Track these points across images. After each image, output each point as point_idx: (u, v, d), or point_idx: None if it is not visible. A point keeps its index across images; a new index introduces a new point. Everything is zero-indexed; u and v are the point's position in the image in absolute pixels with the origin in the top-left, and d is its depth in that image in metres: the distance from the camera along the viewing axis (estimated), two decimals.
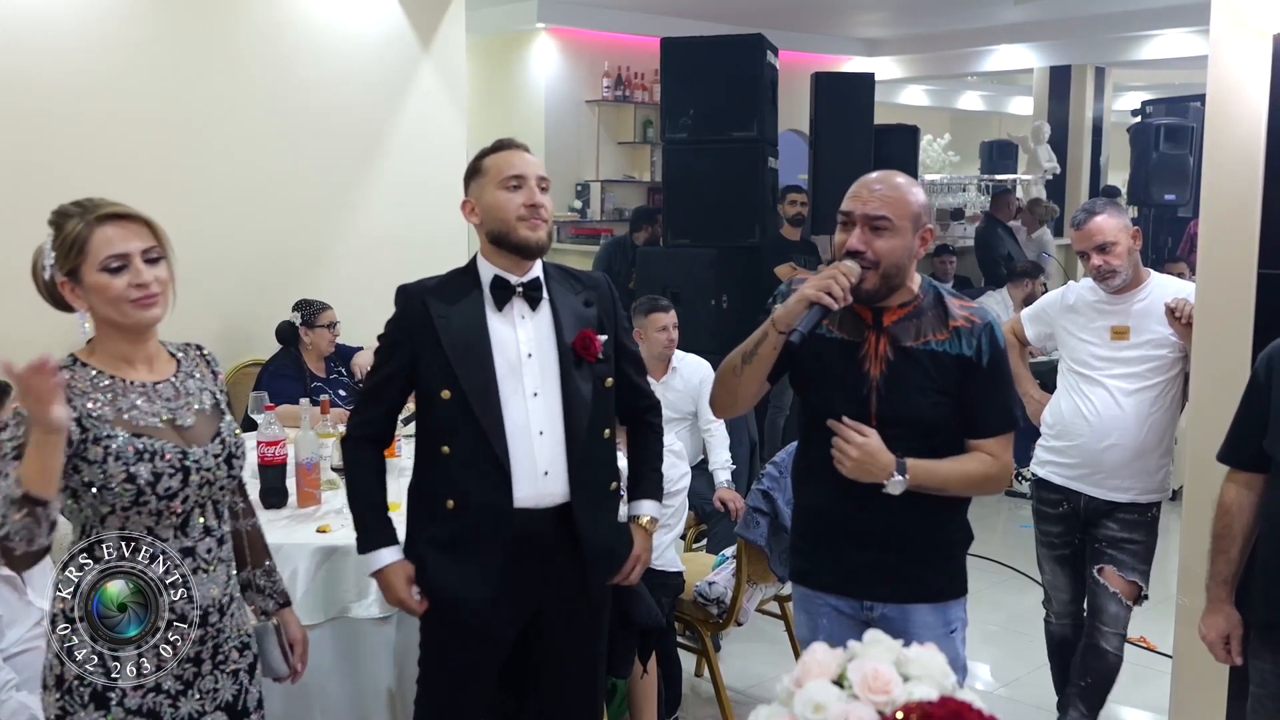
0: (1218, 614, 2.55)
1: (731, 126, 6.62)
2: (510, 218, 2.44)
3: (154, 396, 2.07)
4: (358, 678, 3.02)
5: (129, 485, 1.97)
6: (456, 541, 2.47)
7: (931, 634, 2.37)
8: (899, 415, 2.32)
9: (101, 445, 1.96)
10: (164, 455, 2.01)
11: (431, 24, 5.67)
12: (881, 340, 2.35)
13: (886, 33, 11.36)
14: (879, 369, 2.33)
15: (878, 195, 2.31)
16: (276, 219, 5.09)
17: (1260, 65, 2.90)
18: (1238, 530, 2.51)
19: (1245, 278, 2.99)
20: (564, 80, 9.33)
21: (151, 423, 2.04)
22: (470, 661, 2.56)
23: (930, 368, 2.32)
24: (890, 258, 2.29)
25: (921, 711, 1.41)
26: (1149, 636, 4.16)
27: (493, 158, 2.51)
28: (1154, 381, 3.28)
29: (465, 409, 2.42)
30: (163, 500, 2.01)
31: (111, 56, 4.60)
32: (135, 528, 2.02)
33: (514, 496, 2.44)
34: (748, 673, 4.15)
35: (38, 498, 1.84)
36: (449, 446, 2.45)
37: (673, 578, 3.57)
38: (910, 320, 2.35)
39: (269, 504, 3.27)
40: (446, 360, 2.42)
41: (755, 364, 2.36)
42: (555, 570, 2.52)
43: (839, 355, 2.36)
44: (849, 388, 2.34)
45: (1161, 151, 10.17)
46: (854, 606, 2.44)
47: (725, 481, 4.41)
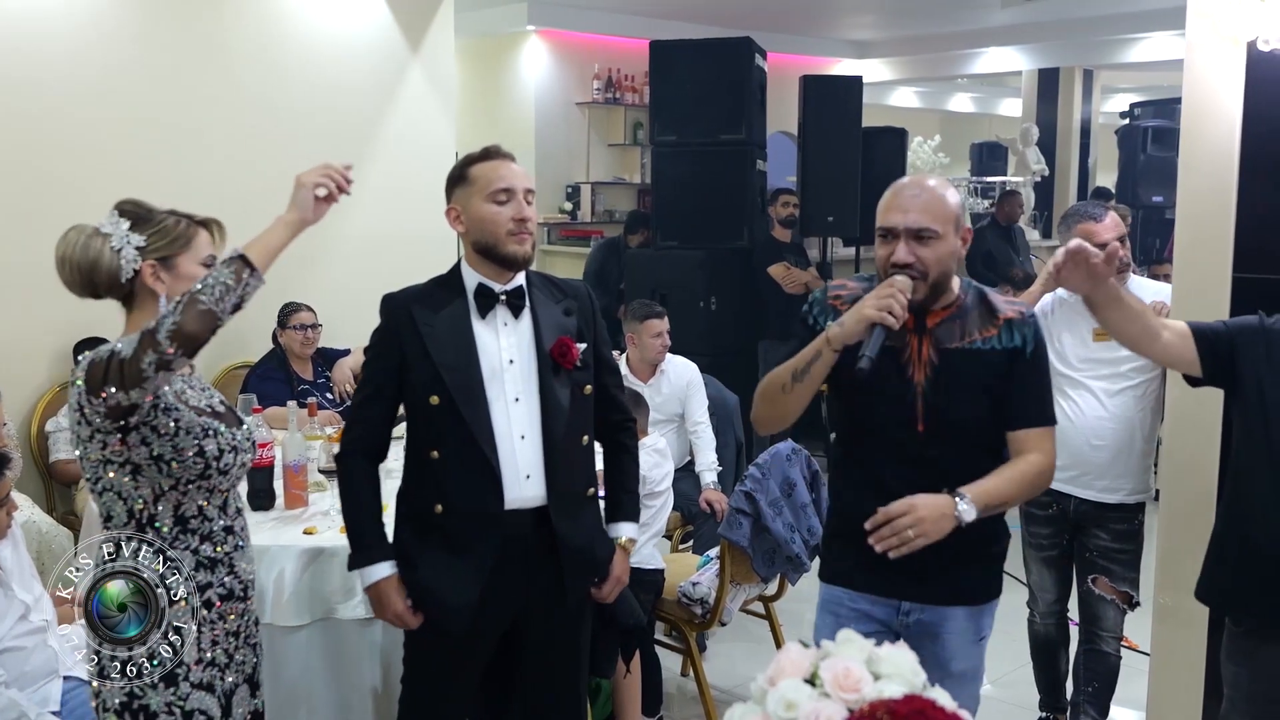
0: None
1: (720, 129, 6.66)
2: (500, 232, 2.46)
3: (193, 385, 2.21)
4: (343, 678, 3.05)
5: (199, 459, 2.08)
6: (445, 545, 2.50)
7: (963, 640, 2.39)
8: (946, 419, 2.28)
9: (172, 418, 2.06)
10: (221, 434, 2.13)
11: (420, 26, 5.69)
12: (925, 344, 2.31)
13: (875, 35, 11.39)
14: (923, 374, 2.29)
15: (918, 204, 2.26)
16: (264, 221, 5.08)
17: (1234, 72, 2.93)
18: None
19: (1220, 281, 3.02)
20: (554, 82, 9.34)
21: (203, 405, 2.17)
22: (454, 662, 2.59)
23: (976, 368, 2.29)
24: (938, 266, 2.26)
25: (886, 708, 1.44)
26: (1131, 635, 4.19)
27: (480, 167, 2.51)
28: (1137, 381, 3.32)
29: (454, 414, 2.44)
30: (221, 475, 2.13)
31: (99, 58, 4.62)
32: (189, 507, 2.12)
33: (505, 499, 2.47)
34: (732, 672, 4.19)
35: (251, 262, 2.03)
36: (438, 451, 2.48)
37: (653, 575, 3.61)
38: (954, 321, 2.32)
39: (257, 506, 3.29)
40: (434, 367, 2.45)
41: (807, 382, 2.30)
42: (536, 572, 2.55)
43: (882, 362, 2.25)
44: (893, 395, 2.30)
45: (1149, 153, 10.23)
46: (888, 611, 2.41)
47: (711, 483, 4.44)
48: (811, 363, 2.29)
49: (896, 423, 2.31)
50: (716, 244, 6.70)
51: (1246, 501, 2.47)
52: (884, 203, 2.32)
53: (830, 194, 7.12)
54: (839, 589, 2.47)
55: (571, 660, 2.69)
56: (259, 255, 2.05)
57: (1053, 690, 3.71)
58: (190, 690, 2.12)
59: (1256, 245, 2.96)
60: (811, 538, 3.73)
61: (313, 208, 2.18)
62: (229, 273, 1.99)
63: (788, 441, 3.87)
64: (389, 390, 2.54)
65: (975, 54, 11.60)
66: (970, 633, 2.40)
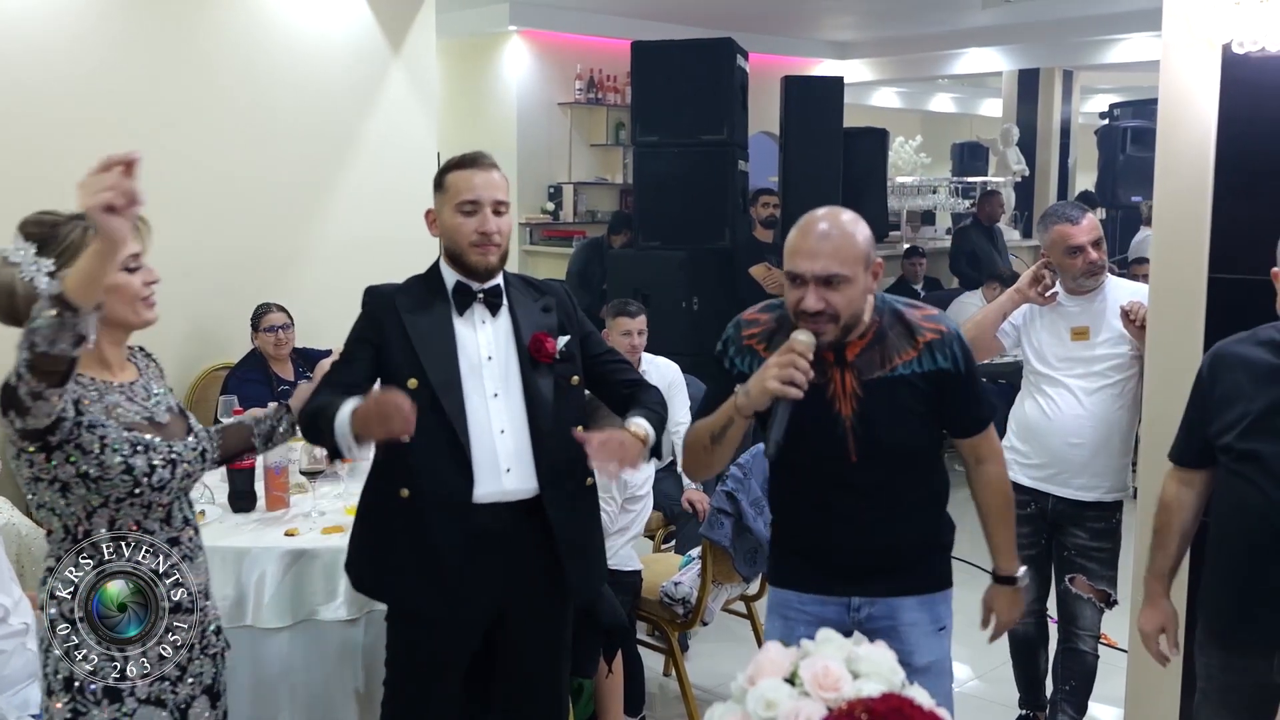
0: (1153, 607, 2.62)
1: (702, 129, 6.66)
2: (463, 243, 2.52)
3: (132, 397, 2.14)
4: (326, 680, 3.05)
5: (126, 476, 2.03)
6: (410, 531, 2.51)
7: (920, 632, 2.41)
8: (878, 450, 2.31)
9: (97, 435, 2.01)
10: (155, 449, 2.07)
11: (401, 27, 5.68)
12: (847, 376, 2.31)
13: (857, 36, 11.42)
14: (850, 407, 2.30)
15: (826, 250, 2.22)
16: (246, 222, 5.09)
17: (1210, 74, 2.96)
18: (1176, 526, 2.57)
19: (1196, 281, 3.05)
20: (536, 83, 9.34)
21: (136, 419, 2.10)
22: (434, 659, 2.61)
23: (901, 394, 2.31)
24: (849, 308, 2.24)
25: (864, 707, 1.45)
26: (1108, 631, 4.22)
27: (455, 176, 2.54)
28: (1114, 380, 3.35)
29: (431, 399, 2.47)
30: (155, 492, 2.07)
31: (79, 60, 4.59)
32: (124, 521, 2.07)
33: (475, 491, 2.49)
34: (714, 672, 4.19)
35: (70, 302, 1.78)
36: (409, 436, 2.47)
37: (630, 576, 3.61)
38: (873, 349, 2.32)
39: (238, 508, 3.30)
40: (414, 352, 2.50)
41: (726, 444, 2.33)
42: (520, 566, 2.58)
43: (807, 401, 2.23)
44: (822, 430, 2.31)
45: (1128, 154, 10.29)
46: (839, 609, 2.42)
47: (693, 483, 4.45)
48: (726, 428, 2.31)
49: (828, 456, 2.34)
50: (698, 244, 6.71)
51: None
52: (791, 244, 2.28)
53: (812, 194, 7.10)
54: (788, 591, 2.49)
55: (553, 656, 2.71)
56: (77, 289, 1.80)
57: (1032, 688, 3.73)
58: (137, 706, 2.07)
59: (1232, 246, 2.99)
60: None
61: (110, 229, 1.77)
62: (49, 316, 1.78)
63: None
64: (361, 361, 2.55)
65: (956, 55, 11.64)
66: (926, 623, 2.42)
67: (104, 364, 2.12)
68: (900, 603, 2.41)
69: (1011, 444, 3.50)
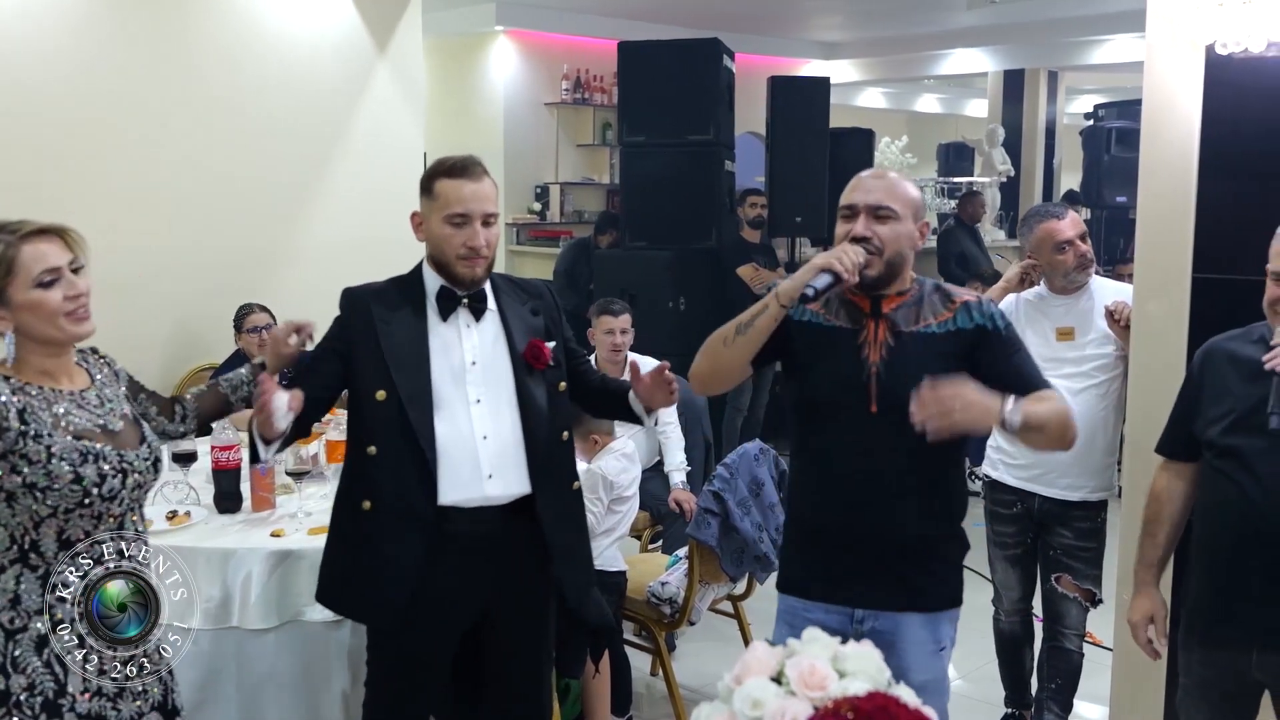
0: (1142, 597, 2.62)
1: (688, 129, 6.67)
2: (450, 255, 2.50)
3: (83, 404, 2.10)
4: (312, 681, 3.04)
5: (75, 486, 1.99)
6: (372, 543, 2.51)
7: (920, 650, 2.37)
8: (900, 400, 2.25)
9: (43, 445, 1.97)
10: (105, 458, 2.04)
11: (388, 26, 5.67)
12: (881, 326, 2.33)
13: (843, 36, 11.44)
14: (878, 355, 2.31)
15: (879, 186, 2.33)
16: (232, 222, 5.08)
17: (1193, 75, 2.98)
18: (1166, 517, 2.59)
19: (1180, 281, 3.06)
20: (523, 82, 9.34)
21: (87, 428, 2.06)
22: (416, 661, 2.60)
23: (932, 350, 2.31)
24: (894, 244, 2.30)
25: (850, 705, 1.46)
26: (1093, 630, 4.24)
27: (445, 184, 2.50)
28: (1100, 380, 3.37)
29: (399, 412, 2.46)
30: (105, 502, 2.04)
31: (66, 60, 4.57)
32: (73, 532, 2.03)
33: (440, 499, 2.48)
34: (701, 671, 4.19)
35: None
36: (375, 447, 2.49)
37: (615, 577, 3.61)
38: (910, 306, 2.34)
39: (223, 508, 3.28)
40: (384, 363, 2.47)
41: (749, 335, 2.30)
42: (503, 568, 2.58)
43: (838, 343, 2.33)
44: (847, 375, 2.32)
45: (1113, 154, 10.31)
46: (842, 619, 2.39)
47: (680, 483, 4.45)
48: (757, 316, 2.30)
49: (849, 403, 2.32)
50: (685, 244, 6.72)
51: None
52: (848, 187, 2.38)
53: (798, 194, 7.15)
54: (793, 598, 2.47)
55: (537, 655, 2.72)
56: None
57: (1018, 687, 3.74)
58: None
59: (1215, 246, 3.00)
60: (779, 537, 3.75)
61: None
62: None
63: (755, 441, 3.89)
64: (323, 375, 2.54)
65: (942, 55, 11.68)
66: (928, 642, 2.38)
67: (46, 374, 2.07)
68: (904, 619, 2.37)
69: (997, 444, 3.51)
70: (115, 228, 4.37)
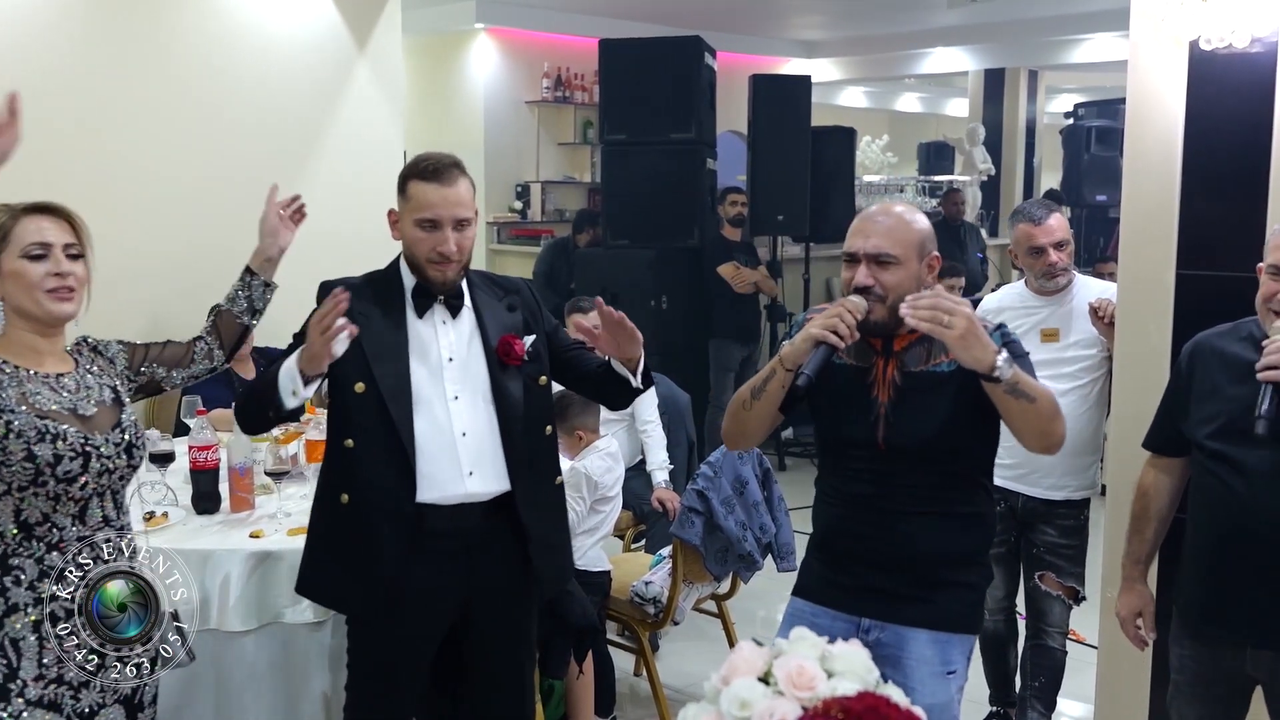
0: (1130, 592, 2.63)
1: (670, 128, 6.66)
2: (420, 258, 2.49)
3: (57, 388, 2.09)
4: (292, 683, 3.01)
5: (28, 464, 1.98)
6: (349, 538, 2.49)
7: (926, 670, 2.33)
8: (907, 442, 2.29)
9: (3, 420, 1.96)
10: (65, 439, 2.02)
11: (367, 24, 5.62)
12: (890, 366, 2.32)
13: (824, 35, 11.45)
14: (887, 395, 2.31)
15: (880, 230, 2.29)
16: (209, 220, 5.02)
17: (1177, 71, 2.97)
18: (1153, 512, 2.59)
19: (1164, 278, 3.06)
20: (503, 81, 9.30)
21: (54, 409, 2.05)
22: (391, 662, 2.58)
23: (940, 389, 2.29)
24: (898, 290, 2.26)
25: (840, 706, 1.44)
26: (1076, 628, 4.24)
27: (419, 187, 2.47)
28: (1084, 381, 3.36)
29: (378, 404, 2.44)
30: (61, 483, 2.02)
31: (41, 58, 4.52)
32: (31, 511, 2.01)
33: (420, 496, 2.46)
34: (685, 672, 4.18)
35: None
36: (353, 440, 2.47)
37: (599, 576, 3.59)
38: (921, 345, 2.31)
39: (201, 509, 3.24)
40: (364, 356, 2.45)
41: (764, 401, 2.33)
42: (484, 566, 2.56)
43: (848, 382, 2.33)
44: (857, 415, 2.33)
45: (1093, 153, 10.35)
46: (848, 627, 2.37)
47: (663, 482, 4.43)
48: (767, 380, 2.33)
49: (858, 442, 2.34)
50: (667, 243, 6.70)
51: None
52: (850, 228, 2.35)
53: (780, 193, 7.14)
54: (803, 602, 2.47)
55: (519, 652, 2.70)
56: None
57: (1002, 685, 3.74)
58: (24, 707, 1.99)
59: (1199, 242, 3.00)
60: (764, 535, 3.73)
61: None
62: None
63: None
64: None
65: (922, 54, 11.71)
66: (935, 663, 2.33)
67: (33, 353, 2.08)
68: (910, 634, 2.33)
69: None
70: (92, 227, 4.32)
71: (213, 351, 2.47)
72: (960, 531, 2.36)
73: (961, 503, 2.37)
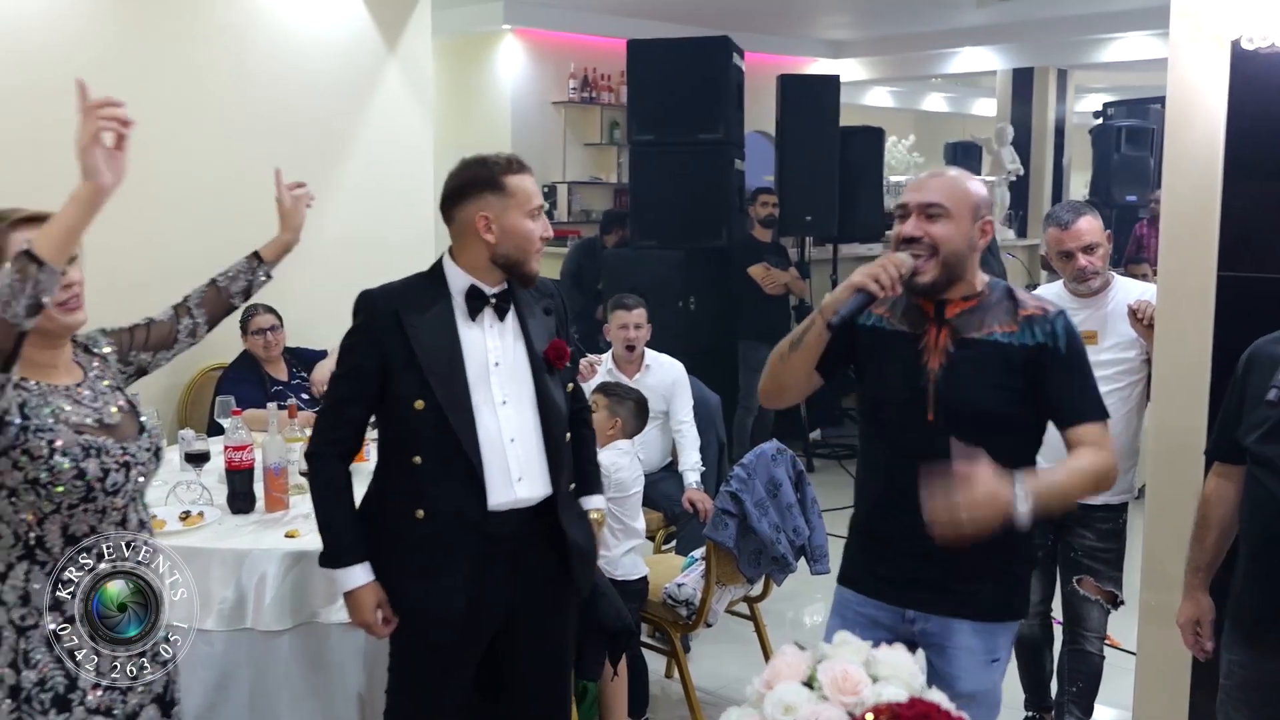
0: (1188, 601, 2.59)
1: (697, 128, 6.65)
2: (531, 249, 2.47)
3: (78, 399, 2.07)
4: (327, 683, 3.01)
5: (79, 482, 1.97)
6: (425, 552, 2.46)
7: (971, 659, 2.32)
8: (958, 409, 2.25)
9: (45, 440, 1.95)
10: (108, 452, 2.02)
11: (397, 25, 5.64)
12: (943, 332, 2.29)
13: (851, 35, 11.41)
14: (938, 361, 2.27)
15: (933, 184, 2.30)
16: (239, 221, 4.99)
17: (1219, 71, 2.94)
18: (1214, 520, 2.54)
19: (1205, 279, 3.02)
20: (530, 81, 9.31)
21: (84, 422, 2.04)
22: (446, 672, 2.56)
23: (995, 360, 2.26)
24: (948, 244, 2.25)
25: (891, 713, 1.43)
26: (1113, 634, 4.20)
27: (518, 179, 2.46)
28: (1123, 384, 3.33)
29: (439, 419, 2.41)
30: (109, 496, 2.02)
31: (70, 59, 4.53)
32: (78, 528, 2.01)
33: (488, 504, 2.45)
34: (717, 674, 4.16)
35: (37, 256, 1.74)
36: (420, 457, 2.43)
37: (637, 584, 3.57)
38: (975, 313, 2.30)
39: (236, 509, 3.25)
40: (420, 371, 2.41)
41: (802, 351, 2.30)
42: (526, 571, 2.55)
43: (898, 348, 2.31)
44: (907, 381, 2.29)
45: (1122, 153, 10.28)
46: (894, 617, 2.36)
47: (695, 483, 4.41)
48: (805, 331, 2.30)
49: (908, 411, 2.30)
50: (694, 244, 6.69)
51: None
52: (906, 187, 2.37)
53: (808, 193, 7.12)
54: (849, 591, 2.46)
55: (558, 657, 2.69)
56: (47, 243, 1.77)
57: (1038, 690, 3.71)
58: (85, 716, 2.01)
59: (1241, 243, 2.97)
60: (797, 538, 3.71)
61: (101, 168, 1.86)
62: (11, 273, 1.74)
63: (773, 441, 3.85)
64: (369, 392, 2.47)
65: (950, 54, 11.65)
66: (980, 652, 2.33)
67: (41, 367, 2.04)
68: (956, 625, 2.32)
69: None
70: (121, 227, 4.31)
71: (197, 328, 2.40)
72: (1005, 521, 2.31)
73: None
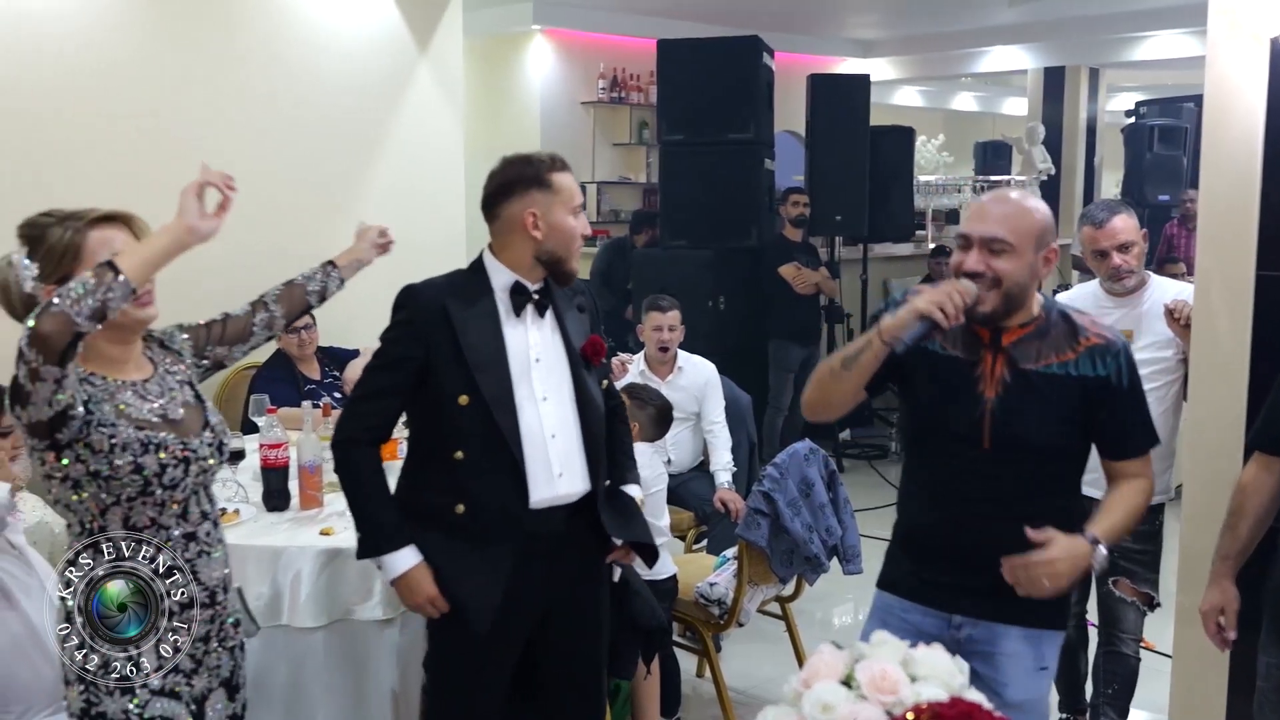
0: (1215, 588, 2.55)
1: (727, 128, 6.65)
2: (575, 246, 2.52)
3: (144, 394, 2.12)
4: (361, 680, 3.03)
5: (136, 476, 2.01)
6: (465, 545, 2.47)
7: (1019, 666, 2.31)
8: (1015, 440, 2.24)
9: (106, 434, 1.99)
10: (167, 447, 2.05)
11: (429, 25, 5.66)
12: (999, 361, 2.27)
13: (881, 34, 11.37)
14: (995, 390, 2.25)
15: (996, 215, 2.24)
16: (272, 220, 5.07)
17: (1257, 68, 2.91)
18: (1249, 508, 2.51)
19: (1244, 279, 3.00)
20: (560, 82, 9.33)
21: (147, 417, 2.08)
22: (482, 670, 2.57)
23: (1053, 393, 2.24)
24: (1011, 278, 2.22)
25: (932, 712, 1.42)
26: (1148, 636, 4.17)
27: (563, 177, 2.51)
28: (1159, 384, 3.29)
29: (484, 415, 2.42)
30: (167, 491, 2.06)
31: (105, 59, 4.59)
32: (138, 519, 2.05)
33: (530, 499, 2.46)
34: (749, 673, 4.16)
35: (117, 266, 1.86)
36: (463, 452, 2.44)
37: (667, 583, 3.56)
38: (1031, 341, 2.27)
39: (271, 506, 3.28)
40: (466, 366, 2.42)
41: (855, 371, 2.26)
42: (563, 567, 2.57)
43: (953, 374, 2.28)
44: (962, 409, 2.27)
45: (1155, 152, 10.18)
46: (940, 624, 2.34)
47: (726, 483, 4.42)
48: (861, 351, 2.26)
49: (962, 438, 2.28)
50: (724, 243, 6.69)
51: None
52: (969, 212, 2.33)
53: (838, 193, 7.11)
54: (891, 597, 2.43)
55: (593, 654, 2.70)
56: (131, 262, 1.90)
57: (1072, 692, 3.69)
58: (150, 697, 2.06)
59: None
60: (830, 538, 3.71)
61: (197, 214, 2.05)
62: (89, 276, 1.85)
63: (805, 441, 3.85)
64: (408, 385, 2.49)
65: (980, 53, 11.58)
66: (1027, 659, 2.31)
67: (112, 362, 2.10)
68: (1003, 630, 2.31)
69: None
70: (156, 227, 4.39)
71: (274, 321, 2.47)
72: (1055, 525, 2.29)
73: (1058, 501, 2.33)
